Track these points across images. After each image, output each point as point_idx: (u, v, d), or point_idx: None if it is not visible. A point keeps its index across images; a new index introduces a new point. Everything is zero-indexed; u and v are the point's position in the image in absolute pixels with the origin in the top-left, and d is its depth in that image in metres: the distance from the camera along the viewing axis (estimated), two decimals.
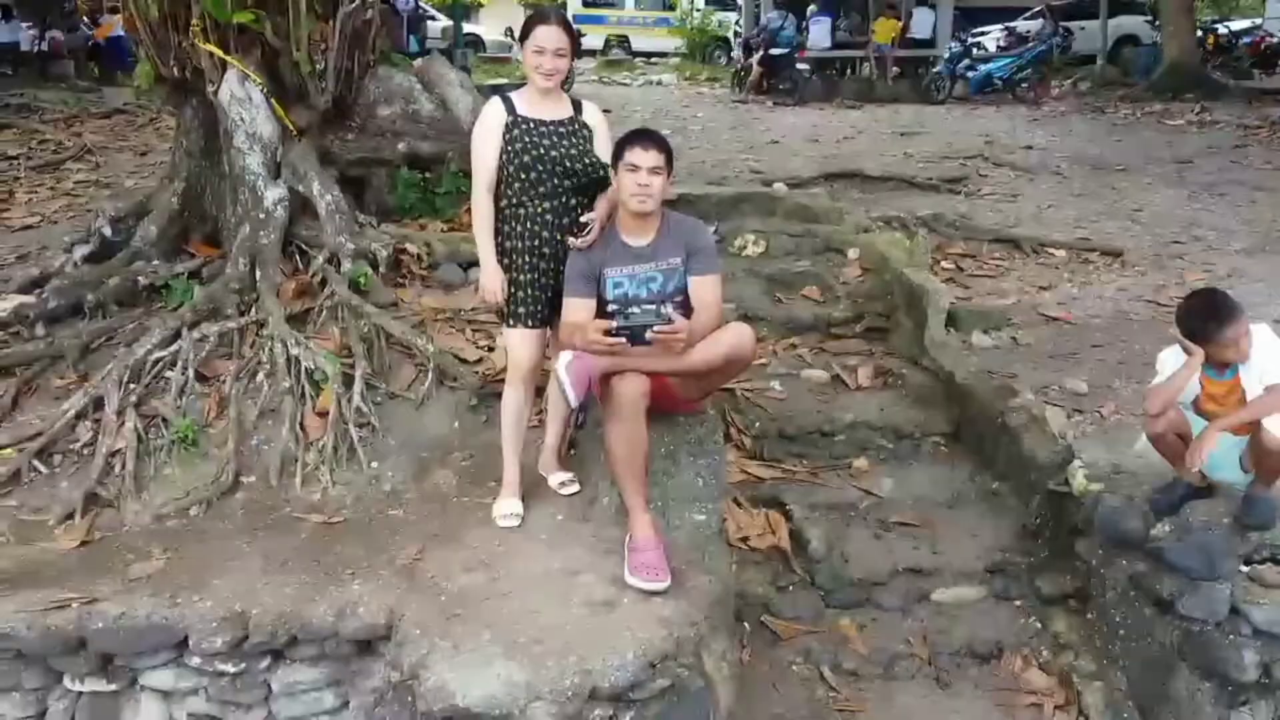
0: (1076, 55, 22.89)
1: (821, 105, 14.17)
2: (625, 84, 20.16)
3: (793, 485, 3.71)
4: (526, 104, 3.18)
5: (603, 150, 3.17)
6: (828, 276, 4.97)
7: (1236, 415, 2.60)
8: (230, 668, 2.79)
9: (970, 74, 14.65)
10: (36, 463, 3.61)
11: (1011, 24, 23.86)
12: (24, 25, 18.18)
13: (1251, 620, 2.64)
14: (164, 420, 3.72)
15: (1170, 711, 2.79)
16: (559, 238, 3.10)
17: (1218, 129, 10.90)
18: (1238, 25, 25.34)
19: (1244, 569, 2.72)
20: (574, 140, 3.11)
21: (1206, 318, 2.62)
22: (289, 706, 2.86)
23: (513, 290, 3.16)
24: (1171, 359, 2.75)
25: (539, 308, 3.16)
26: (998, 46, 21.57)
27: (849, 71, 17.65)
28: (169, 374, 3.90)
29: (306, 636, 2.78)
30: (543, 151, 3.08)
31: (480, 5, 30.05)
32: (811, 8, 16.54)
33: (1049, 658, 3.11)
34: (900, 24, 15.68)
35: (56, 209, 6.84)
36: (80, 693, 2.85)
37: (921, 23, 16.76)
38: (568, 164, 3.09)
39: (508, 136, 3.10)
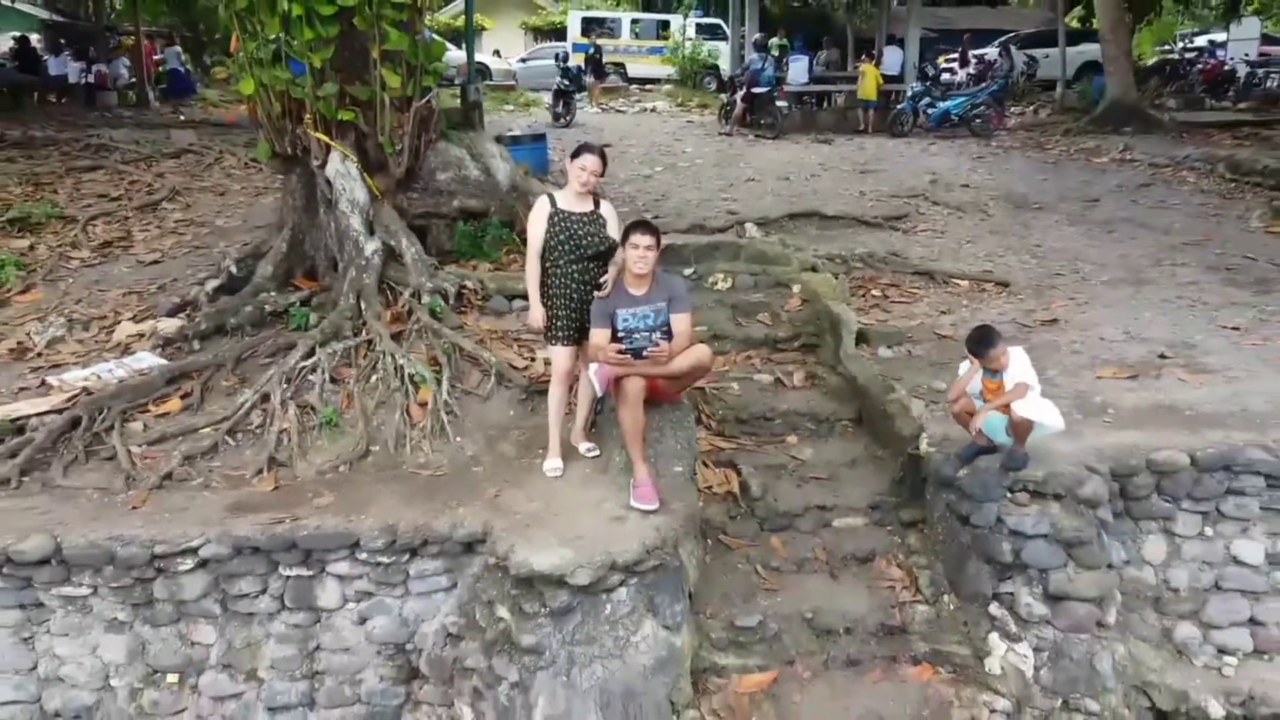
0: (1043, 81, 24.73)
1: (798, 138, 15.92)
2: (622, 111, 21.90)
3: (743, 452, 5.44)
4: (565, 200, 4.86)
5: (613, 232, 4.84)
6: (775, 306, 6.73)
7: (996, 401, 4.31)
8: (384, 560, 4.48)
9: (930, 111, 16.35)
10: (228, 438, 5.31)
11: (983, 51, 25.69)
12: (72, 60, 19.87)
13: (1008, 525, 4.35)
14: (313, 408, 5.42)
15: (966, 584, 4.51)
16: (584, 288, 4.78)
17: (1132, 167, 12.62)
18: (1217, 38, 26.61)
19: (1008, 495, 4.42)
20: (594, 228, 4.79)
21: (978, 343, 4.33)
22: (419, 585, 4.55)
23: (553, 320, 4.84)
24: (965, 366, 4.47)
25: (572, 331, 4.84)
26: (967, 75, 23.41)
27: (825, 103, 19.45)
28: (311, 377, 5.60)
29: (432, 540, 4.48)
30: (572, 234, 4.75)
31: (483, 29, 31.80)
32: (773, 41, 18.28)
33: (903, 559, 4.82)
34: (879, 71, 17.33)
35: (170, 246, 8.54)
36: (288, 576, 4.53)
37: (891, 61, 18.53)
38: (588, 242, 4.76)
39: (550, 223, 4.78)
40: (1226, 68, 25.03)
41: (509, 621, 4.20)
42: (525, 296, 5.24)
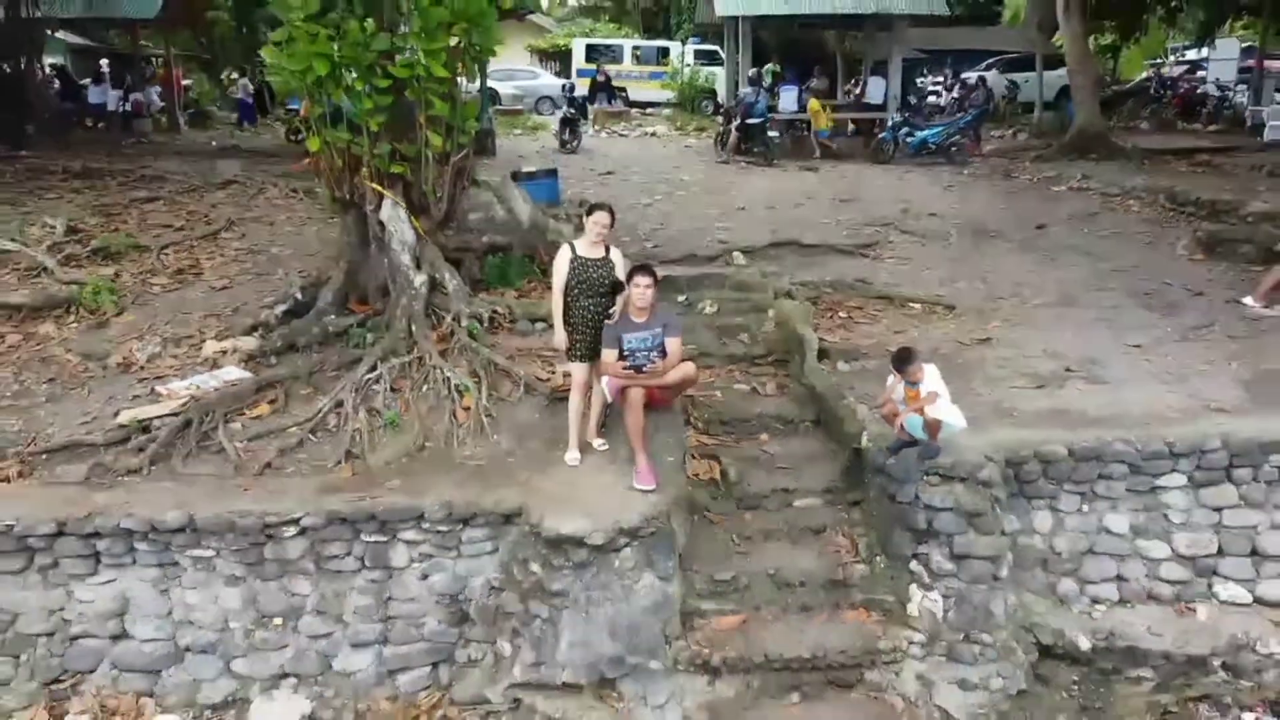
0: (1026, 103, 26.05)
1: (787, 165, 17.25)
2: (624, 135, 23.25)
3: (723, 447, 6.75)
4: (582, 248, 6.18)
5: (620, 273, 6.15)
6: (753, 328, 8.06)
7: (914, 405, 5.62)
8: (442, 529, 5.79)
9: (909, 140, 17.69)
10: (310, 435, 6.63)
11: (967, 75, 26.99)
12: (111, 89, 21.26)
13: (924, 501, 5.65)
14: (378, 412, 6.73)
15: (893, 547, 5.82)
16: (597, 317, 6.09)
17: (1086, 196, 13.94)
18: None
19: (924, 478, 5.72)
20: (605, 270, 6.11)
21: (900, 361, 5.64)
22: (469, 549, 5.85)
23: (573, 342, 6.15)
24: (891, 379, 5.78)
25: (588, 351, 6.15)
26: (951, 99, 24.71)
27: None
28: (375, 387, 6.92)
29: (480, 514, 5.78)
30: (588, 275, 6.07)
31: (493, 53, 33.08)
32: (767, 67, 19.60)
33: (846, 530, 6.13)
34: (829, 106, 18.78)
35: (235, 273, 9.86)
36: (368, 542, 5.83)
37: (875, 91, 19.92)
38: (601, 282, 6.08)
39: (571, 267, 6.09)
40: (1199, 91, 26.43)
41: (540, 574, 5.51)
42: (546, 320, 6.56)
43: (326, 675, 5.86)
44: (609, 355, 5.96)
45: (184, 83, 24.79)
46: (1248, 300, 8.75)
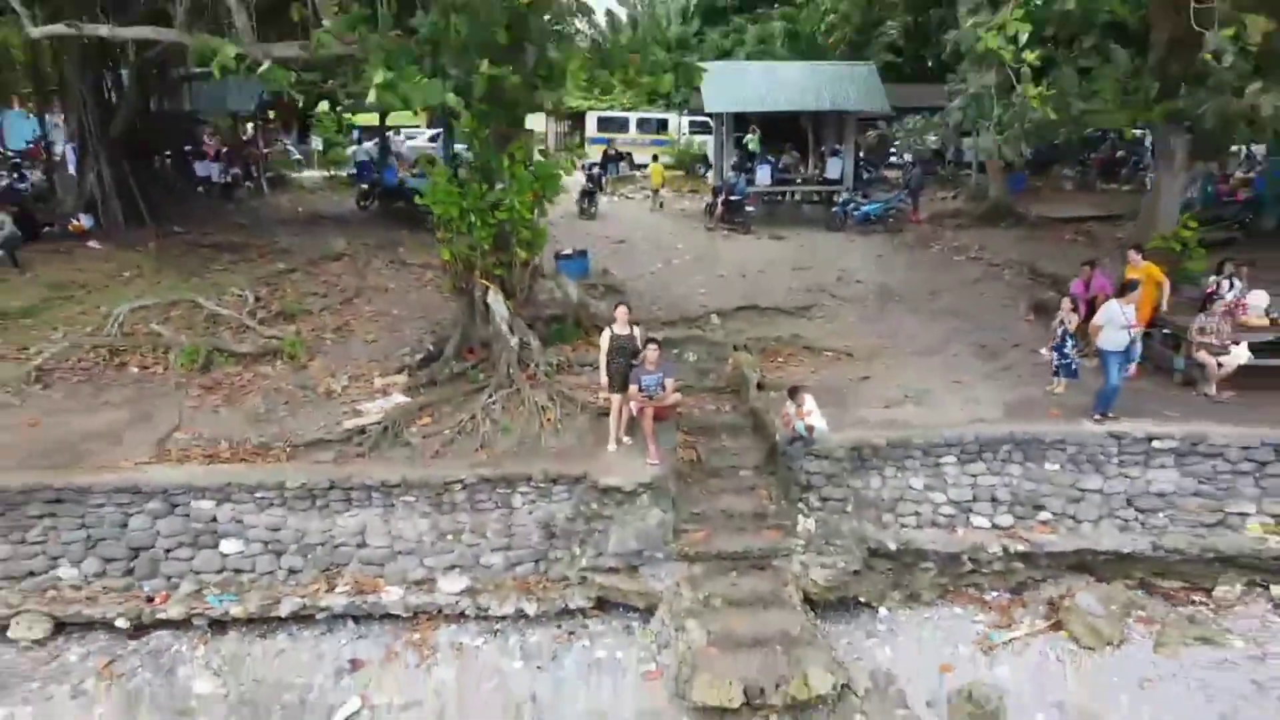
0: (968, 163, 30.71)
1: (760, 231, 22.05)
2: (630, 198, 28.15)
3: (699, 442, 11.50)
4: (616, 328, 10.94)
5: (640, 343, 10.90)
6: (719, 370, 12.85)
7: (799, 417, 10.34)
8: (542, 485, 10.48)
9: (855, 212, 22.51)
10: (458, 435, 11.35)
11: (912, 161, 31.30)
12: (215, 164, 26.13)
13: (805, 469, 10.37)
14: (496, 421, 11.46)
15: (789, 495, 10.54)
16: (626, 368, 10.81)
17: (978, 263, 18.75)
18: None
19: (806, 456, 10.43)
20: (631, 342, 10.86)
21: (791, 392, 10.38)
22: (557, 495, 10.54)
23: (611, 381, 10.89)
24: (788, 403, 10.52)
25: (620, 386, 10.86)
26: (903, 176, 29.42)
27: (784, 198, 25.71)
28: (492, 407, 11.66)
29: (561, 477, 10.49)
30: (620, 346, 10.82)
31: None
32: (749, 137, 24.56)
33: (767, 487, 10.85)
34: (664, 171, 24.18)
35: (375, 330, 14.62)
36: (499, 492, 10.52)
37: (833, 169, 24.79)
38: (627, 349, 10.83)
39: (610, 341, 10.85)
40: (1117, 154, 31.27)
41: (596, 508, 10.22)
42: (593, 365, 11.33)
43: (476, 567, 10.54)
44: (633, 389, 10.69)
45: (264, 151, 29.70)
46: (1042, 350, 13.48)
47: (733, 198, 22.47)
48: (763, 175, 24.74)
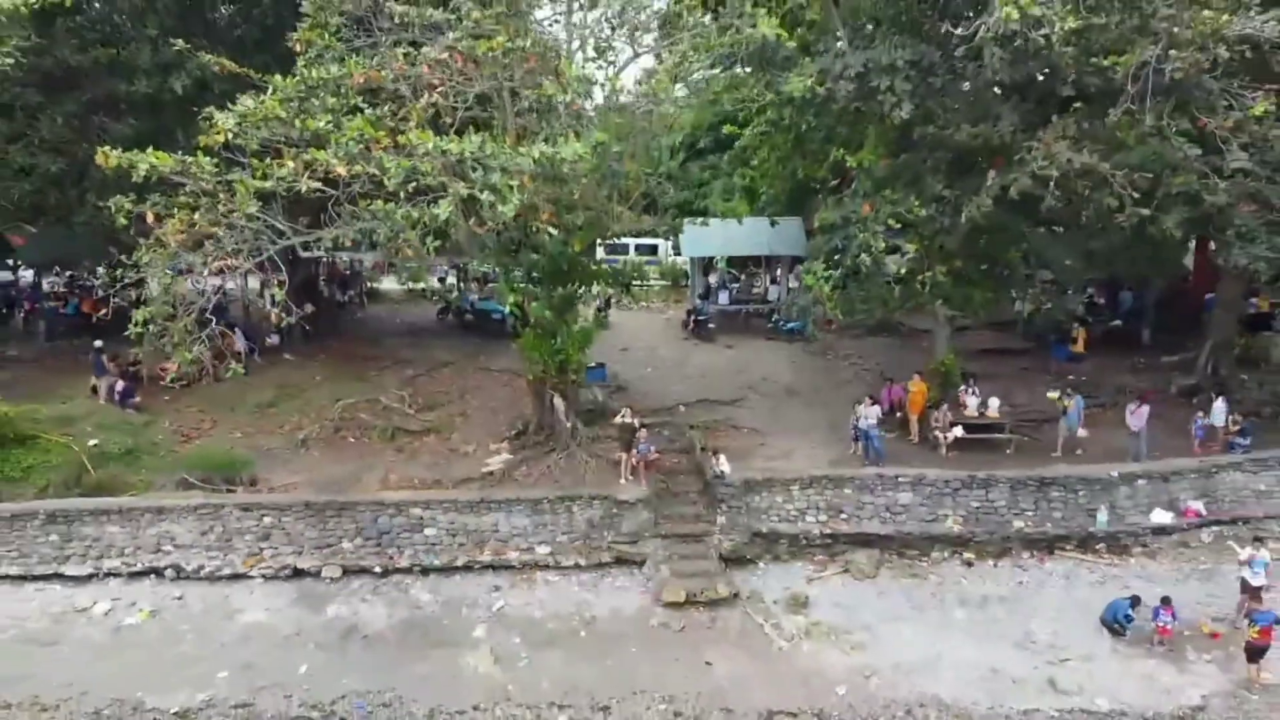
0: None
1: (719, 340, 32.51)
2: (629, 308, 38.77)
3: (667, 480, 21.83)
4: (625, 417, 21.35)
5: (636, 425, 21.25)
6: (681, 441, 23.20)
7: (718, 465, 20.63)
8: (590, 498, 20.77)
9: (784, 328, 33.01)
10: (548, 470, 21.63)
11: None
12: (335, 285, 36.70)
13: (721, 492, 20.67)
14: (560, 468, 21.75)
15: (713, 507, 20.86)
16: (630, 440, 21.14)
17: (851, 367, 29.18)
18: None
19: (721, 486, 20.68)
20: (631, 426, 21.27)
21: (713, 451, 20.73)
22: (595, 505, 20.83)
23: (622, 448, 21.21)
24: (711, 457, 20.85)
25: (625, 450, 21.17)
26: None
27: (739, 314, 36.37)
28: (559, 462, 21.97)
29: (597, 496, 20.75)
30: (625, 426, 21.21)
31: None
32: (719, 261, 35.40)
33: (705, 504, 21.15)
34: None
35: (482, 416, 24.95)
36: (569, 501, 20.77)
37: (772, 293, 35.42)
38: (630, 429, 21.20)
39: (620, 425, 21.23)
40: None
41: (615, 511, 20.47)
42: (612, 439, 21.72)
43: (553, 542, 20.69)
44: (634, 451, 20.99)
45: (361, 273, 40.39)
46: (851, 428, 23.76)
47: (699, 318, 33.07)
48: (723, 298, 35.40)
